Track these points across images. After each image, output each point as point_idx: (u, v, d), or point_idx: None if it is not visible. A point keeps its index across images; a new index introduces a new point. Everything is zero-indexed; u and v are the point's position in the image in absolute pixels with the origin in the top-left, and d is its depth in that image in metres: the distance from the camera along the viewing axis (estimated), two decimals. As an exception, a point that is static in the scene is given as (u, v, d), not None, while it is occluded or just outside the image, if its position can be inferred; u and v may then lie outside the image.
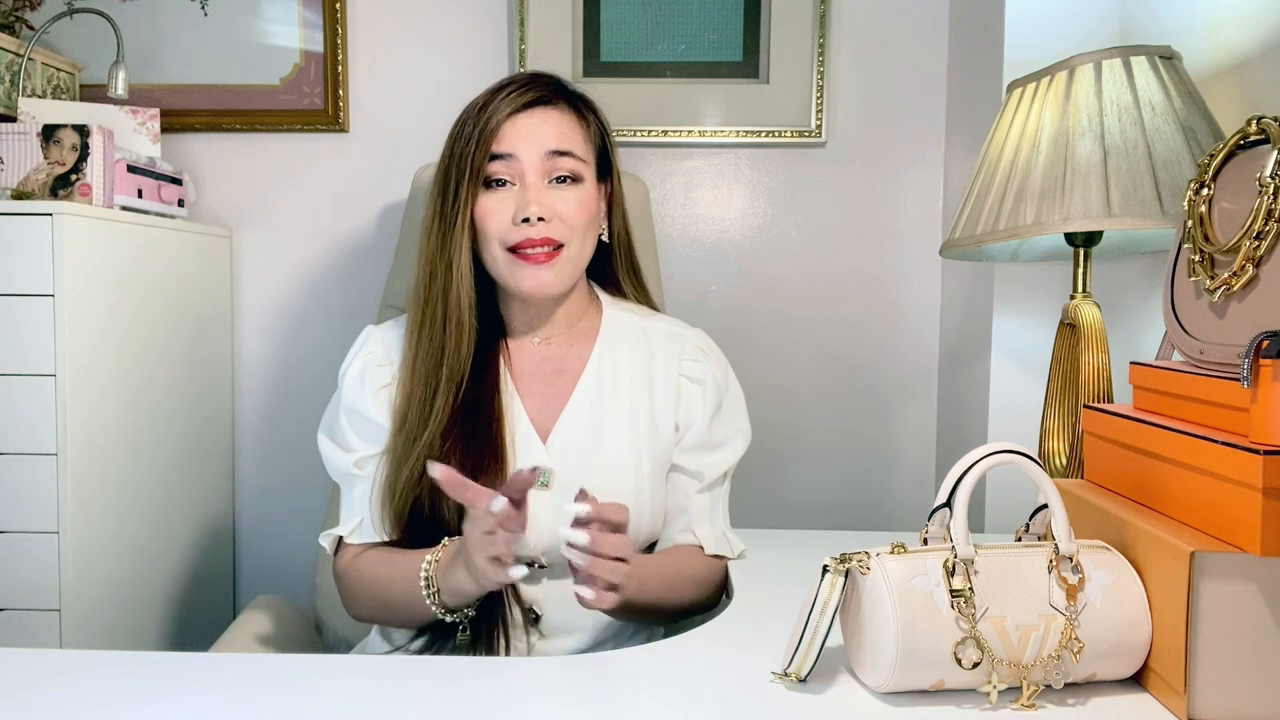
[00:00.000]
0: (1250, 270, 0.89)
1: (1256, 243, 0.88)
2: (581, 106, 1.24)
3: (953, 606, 0.83)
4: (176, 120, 2.03)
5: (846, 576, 0.85)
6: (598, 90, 1.28)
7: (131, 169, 1.74)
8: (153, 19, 2.03)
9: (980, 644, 0.82)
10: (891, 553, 0.86)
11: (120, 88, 1.86)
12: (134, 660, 0.97)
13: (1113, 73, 1.28)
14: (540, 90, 1.19)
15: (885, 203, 2.09)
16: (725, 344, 1.36)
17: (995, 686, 0.83)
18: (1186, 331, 0.99)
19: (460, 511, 1.10)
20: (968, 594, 0.83)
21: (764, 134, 2.03)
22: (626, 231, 1.30)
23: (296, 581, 2.07)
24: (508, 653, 1.12)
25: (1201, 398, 0.91)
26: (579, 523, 0.97)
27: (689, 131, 2.03)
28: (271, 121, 2.05)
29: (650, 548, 1.26)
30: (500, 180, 1.17)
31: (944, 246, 1.46)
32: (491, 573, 0.99)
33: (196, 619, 1.96)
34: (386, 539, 1.17)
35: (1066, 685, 0.86)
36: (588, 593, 0.98)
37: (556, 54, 1.99)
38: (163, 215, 1.85)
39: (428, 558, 1.09)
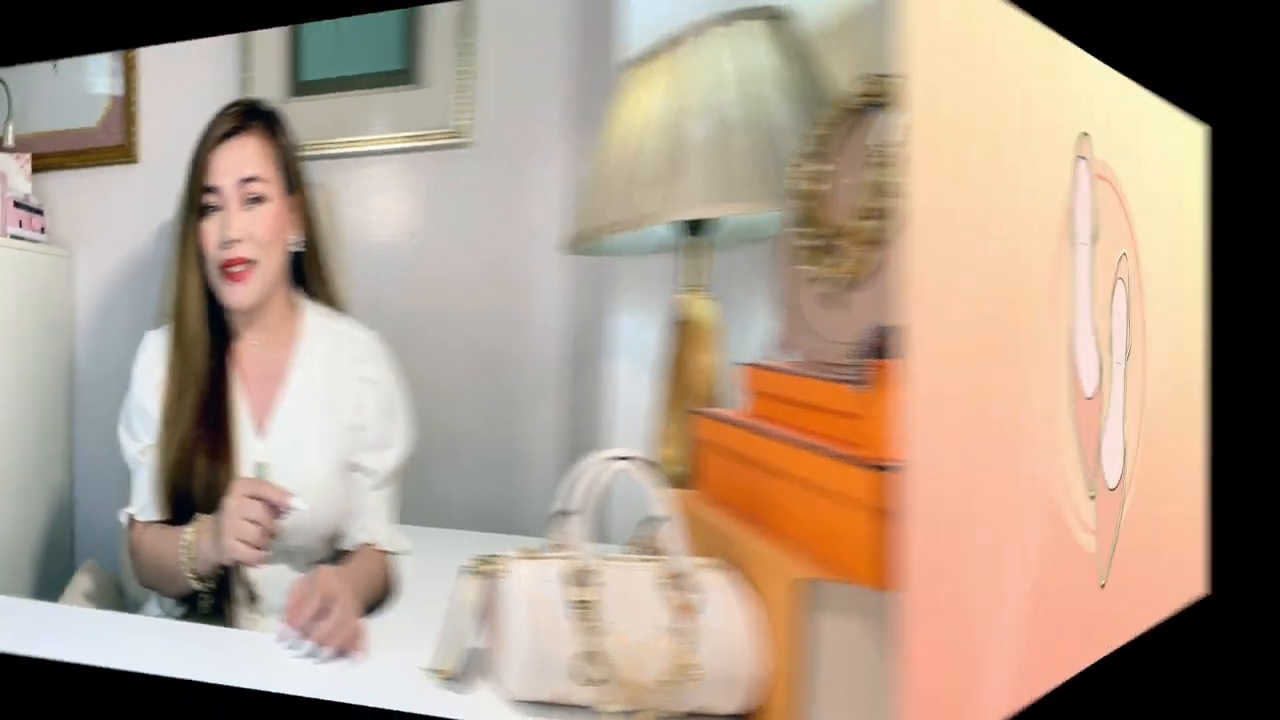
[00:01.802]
0: (862, 256, 0.79)
1: (866, 224, 0.78)
2: (267, 127, 1.40)
3: (574, 618, 0.82)
4: (39, 161, 2.26)
5: (485, 578, 0.89)
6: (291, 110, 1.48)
7: (16, 204, 2.07)
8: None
9: (599, 660, 0.81)
10: (524, 558, 0.87)
11: (10, 140, 2.19)
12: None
13: (719, 43, 1.21)
14: (234, 120, 1.38)
15: (519, 200, 2.10)
16: (391, 346, 1.47)
17: (613, 706, 0.81)
18: (796, 328, 0.89)
19: (207, 495, 1.30)
20: (587, 606, 0.83)
21: (419, 138, 2.12)
22: (314, 239, 1.46)
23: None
24: (232, 625, 1.31)
25: (814, 403, 0.81)
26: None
27: (358, 141, 2.12)
28: (91, 159, 2.25)
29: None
30: (215, 207, 1.36)
31: (563, 243, 1.43)
32: (232, 552, 1.20)
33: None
34: (163, 518, 1.36)
35: (690, 715, 0.82)
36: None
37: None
38: (33, 241, 2.13)
39: (186, 530, 1.28)
